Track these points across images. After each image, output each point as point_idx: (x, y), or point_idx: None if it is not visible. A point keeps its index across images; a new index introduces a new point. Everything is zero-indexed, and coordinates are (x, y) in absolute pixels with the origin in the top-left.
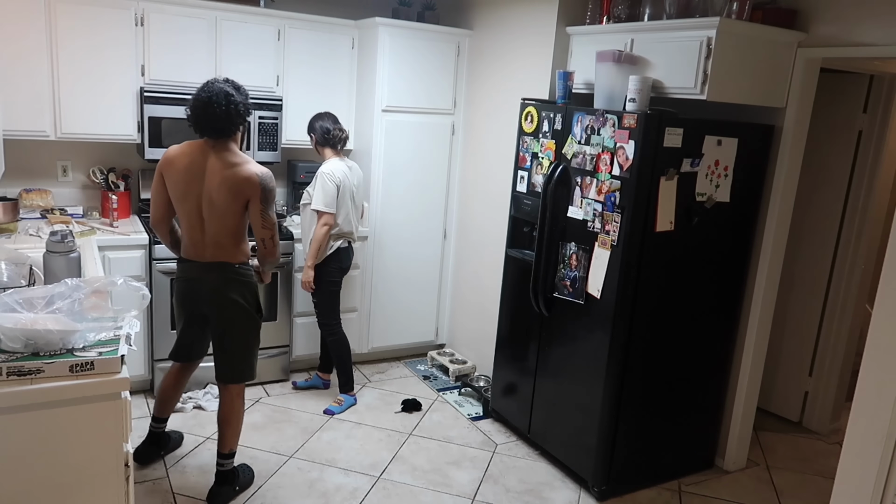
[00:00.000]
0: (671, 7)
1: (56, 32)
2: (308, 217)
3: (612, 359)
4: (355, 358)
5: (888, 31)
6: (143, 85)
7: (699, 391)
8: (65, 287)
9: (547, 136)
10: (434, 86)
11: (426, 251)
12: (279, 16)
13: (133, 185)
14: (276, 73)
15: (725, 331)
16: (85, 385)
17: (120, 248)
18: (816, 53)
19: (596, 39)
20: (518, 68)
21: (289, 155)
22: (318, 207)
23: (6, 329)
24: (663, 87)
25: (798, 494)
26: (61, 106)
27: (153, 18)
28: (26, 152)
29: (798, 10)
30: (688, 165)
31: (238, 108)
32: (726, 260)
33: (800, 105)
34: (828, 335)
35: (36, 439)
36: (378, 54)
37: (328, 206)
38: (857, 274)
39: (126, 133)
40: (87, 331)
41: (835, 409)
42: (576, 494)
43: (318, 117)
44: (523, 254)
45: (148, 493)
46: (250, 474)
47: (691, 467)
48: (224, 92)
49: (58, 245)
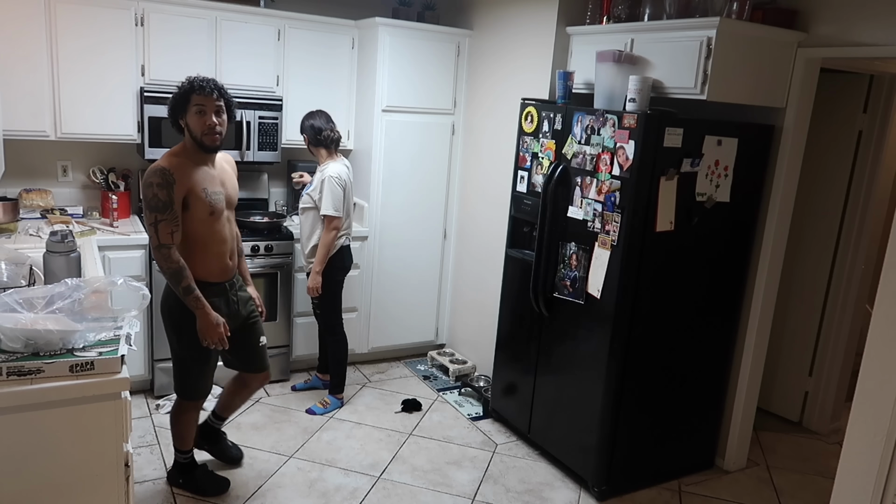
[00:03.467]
0: (671, 7)
1: (56, 32)
2: (310, 221)
3: (612, 359)
4: (356, 358)
5: (888, 31)
6: (143, 85)
7: (699, 391)
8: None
9: (547, 136)
10: (434, 86)
11: (426, 251)
12: (279, 16)
13: (133, 185)
14: (276, 73)
15: (725, 331)
16: (85, 385)
17: (120, 248)
18: (816, 53)
19: (596, 39)
20: (518, 68)
21: (289, 155)
22: (328, 212)
23: (6, 329)
24: (663, 87)
25: (798, 494)
26: (61, 106)
27: (153, 18)
28: (26, 152)
29: (798, 10)
30: (688, 165)
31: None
32: (726, 260)
33: (800, 105)
34: (828, 335)
35: (36, 439)
36: (378, 54)
37: (338, 211)
38: (857, 274)
39: (126, 133)
40: (87, 331)
41: (835, 409)
42: (576, 494)
43: (309, 116)
44: (523, 254)
45: (148, 493)
46: (213, 487)
47: (691, 467)
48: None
49: (58, 245)
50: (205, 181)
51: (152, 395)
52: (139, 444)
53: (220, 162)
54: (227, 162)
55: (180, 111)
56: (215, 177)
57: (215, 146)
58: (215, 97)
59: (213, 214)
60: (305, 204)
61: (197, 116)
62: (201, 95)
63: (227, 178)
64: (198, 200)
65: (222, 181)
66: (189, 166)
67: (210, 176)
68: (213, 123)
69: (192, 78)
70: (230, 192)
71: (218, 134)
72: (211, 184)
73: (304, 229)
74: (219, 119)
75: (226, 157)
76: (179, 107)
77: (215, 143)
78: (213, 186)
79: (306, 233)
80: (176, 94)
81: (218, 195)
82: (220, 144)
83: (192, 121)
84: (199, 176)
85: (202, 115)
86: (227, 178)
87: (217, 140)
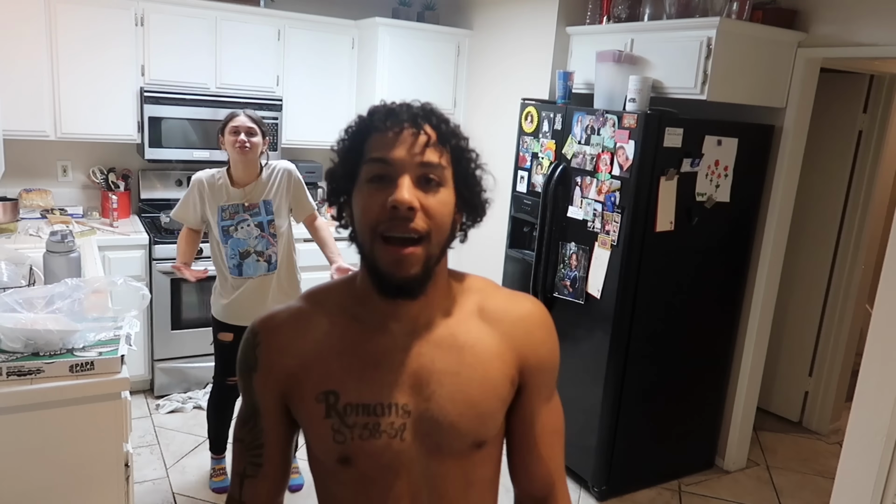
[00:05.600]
0: (671, 7)
1: (56, 32)
2: (284, 242)
3: (612, 359)
4: None
5: (888, 31)
6: (143, 85)
7: (699, 391)
8: (65, 287)
9: (547, 136)
10: (434, 86)
11: None
12: (279, 16)
13: (133, 185)
14: (276, 73)
15: (725, 331)
16: (85, 385)
17: (120, 248)
18: (816, 53)
19: (596, 39)
20: (518, 68)
21: (289, 155)
22: (315, 209)
23: (6, 329)
24: (663, 87)
25: (798, 494)
26: (61, 106)
27: (153, 18)
28: (26, 152)
29: (798, 10)
30: (688, 165)
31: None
32: (726, 260)
33: (800, 105)
34: (828, 335)
35: (36, 439)
36: (378, 54)
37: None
38: (857, 274)
39: (126, 133)
40: (87, 331)
41: (835, 409)
42: (576, 494)
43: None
44: (523, 254)
45: (148, 493)
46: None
47: (691, 467)
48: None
49: (58, 245)
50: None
51: (152, 395)
52: (139, 444)
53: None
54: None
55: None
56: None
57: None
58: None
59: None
60: (281, 227)
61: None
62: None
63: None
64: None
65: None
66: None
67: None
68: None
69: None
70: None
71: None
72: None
73: (282, 256)
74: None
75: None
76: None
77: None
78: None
79: (284, 259)
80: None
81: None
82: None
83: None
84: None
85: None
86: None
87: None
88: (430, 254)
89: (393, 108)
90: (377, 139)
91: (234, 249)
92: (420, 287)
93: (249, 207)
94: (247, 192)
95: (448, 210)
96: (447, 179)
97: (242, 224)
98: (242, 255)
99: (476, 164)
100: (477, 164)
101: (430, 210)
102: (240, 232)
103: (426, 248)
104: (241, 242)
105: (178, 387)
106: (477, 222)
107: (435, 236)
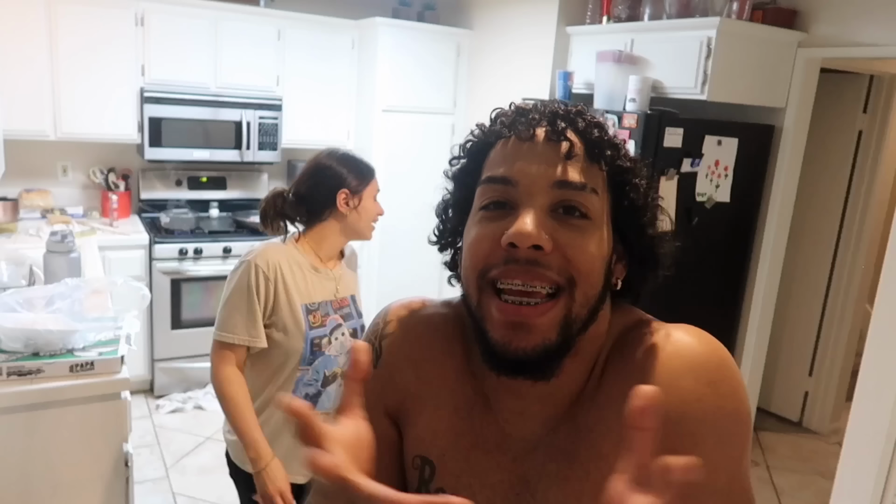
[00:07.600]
0: (671, 7)
1: (56, 32)
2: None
3: None
4: None
5: (888, 31)
6: (144, 85)
7: None
8: (65, 287)
9: None
10: (434, 86)
11: (426, 251)
12: (279, 16)
13: (133, 185)
14: (276, 73)
15: (725, 331)
16: (85, 385)
17: (120, 248)
18: (816, 53)
19: (596, 39)
20: (518, 68)
21: (289, 155)
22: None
23: (6, 329)
24: (663, 87)
25: (798, 494)
26: (61, 106)
27: (153, 18)
28: (26, 152)
29: (798, 10)
30: (688, 165)
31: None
32: (726, 260)
33: (800, 105)
34: (828, 335)
35: (36, 439)
36: (378, 54)
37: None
38: (857, 274)
39: (126, 133)
40: (87, 331)
41: (835, 409)
42: None
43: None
44: None
45: (148, 493)
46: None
47: None
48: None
49: (58, 245)
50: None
51: (152, 395)
52: (139, 444)
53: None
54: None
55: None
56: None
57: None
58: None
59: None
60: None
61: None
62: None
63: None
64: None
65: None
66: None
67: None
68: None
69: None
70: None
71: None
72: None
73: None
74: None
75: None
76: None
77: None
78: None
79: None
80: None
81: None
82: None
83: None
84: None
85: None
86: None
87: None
88: (570, 316)
89: (524, 108)
90: (498, 152)
91: (318, 373)
92: (550, 366)
93: (340, 305)
94: (337, 279)
95: (600, 254)
96: (599, 210)
97: (337, 332)
98: (327, 379)
99: (647, 191)
100: (649, 192)
101: (570, 251)
102: (333, 346)
103: (564, 307)
104: (331, 361)
105: (178, 387)
106: (650, 279)
107: (580, 291)
